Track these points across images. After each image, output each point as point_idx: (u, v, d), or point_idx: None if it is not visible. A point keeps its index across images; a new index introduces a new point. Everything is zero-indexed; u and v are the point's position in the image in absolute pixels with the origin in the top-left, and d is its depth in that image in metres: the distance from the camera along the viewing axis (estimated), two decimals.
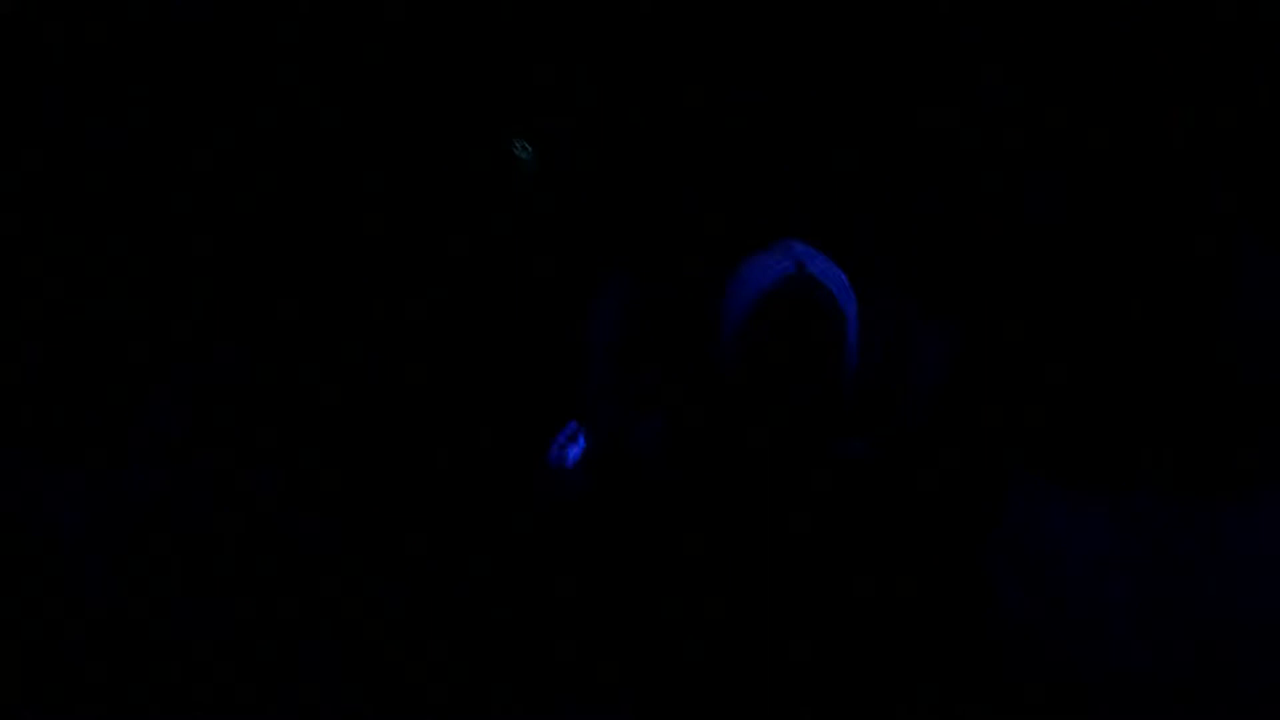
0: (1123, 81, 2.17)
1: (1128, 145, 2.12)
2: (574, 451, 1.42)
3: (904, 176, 2.13)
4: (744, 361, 1.31)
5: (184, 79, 2.17)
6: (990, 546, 1.42)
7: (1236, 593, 1.90)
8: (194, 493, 2.09)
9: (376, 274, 2.17)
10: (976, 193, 2.13)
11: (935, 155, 2.14)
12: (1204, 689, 1.88)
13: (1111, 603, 1.91)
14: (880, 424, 1.39)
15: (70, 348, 2.15)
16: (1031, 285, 2.10)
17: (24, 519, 2.08)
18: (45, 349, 2.14)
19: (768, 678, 1.38)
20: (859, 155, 2.13)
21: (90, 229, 2.17)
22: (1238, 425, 2.02)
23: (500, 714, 1.99)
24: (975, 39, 2.18)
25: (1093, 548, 1.93)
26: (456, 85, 2.17)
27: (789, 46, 2.17)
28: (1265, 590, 1.89)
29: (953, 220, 2.12)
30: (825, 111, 2.16)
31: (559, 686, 1.93)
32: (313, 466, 2.11)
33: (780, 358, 1.30)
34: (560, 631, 1.91)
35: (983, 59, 2.18)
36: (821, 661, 1.38)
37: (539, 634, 1.96)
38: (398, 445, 2.13)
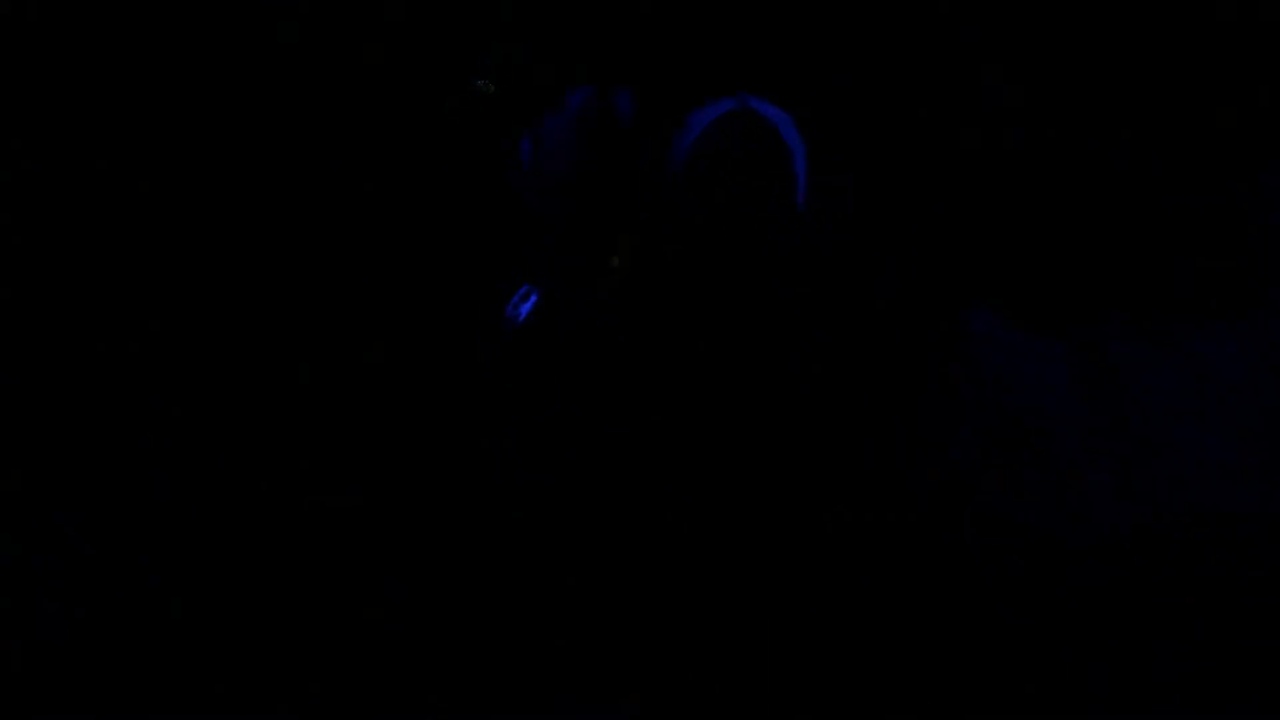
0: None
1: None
2: (526, 308, 1.47)
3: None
4: (693, 193, 1.35)
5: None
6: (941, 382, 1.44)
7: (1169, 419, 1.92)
8: (194, 496, 2.09)
9: (375, 272, 2.17)
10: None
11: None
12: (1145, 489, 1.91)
13: (1061, 420, 1.93)
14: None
15: (69, 351, 2.15)
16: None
17: (30, 524, 2.08)
18: (43, 352, 2.14)
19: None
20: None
21: (84, 229, 2.17)
22: (1179, 260, 2.04)
23: (500, 714, 1.99)
24: (975, 39, 2.18)
25: (1044, 373, 1.94)
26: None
27: (788, 44, 2.17)
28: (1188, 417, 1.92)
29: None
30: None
31: (559, 686, 1.93)
32: (312, 467, 2.11)
33: (727, 182, 1.34)
34: (560, 631, 1.91)
35: (983, 59, 2.19)
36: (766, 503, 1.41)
37: (539, 634, 1.96)
38: (397, 443, 2.13)
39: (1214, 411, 1.93)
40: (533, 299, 1.48)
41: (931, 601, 1.71)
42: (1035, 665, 1.86)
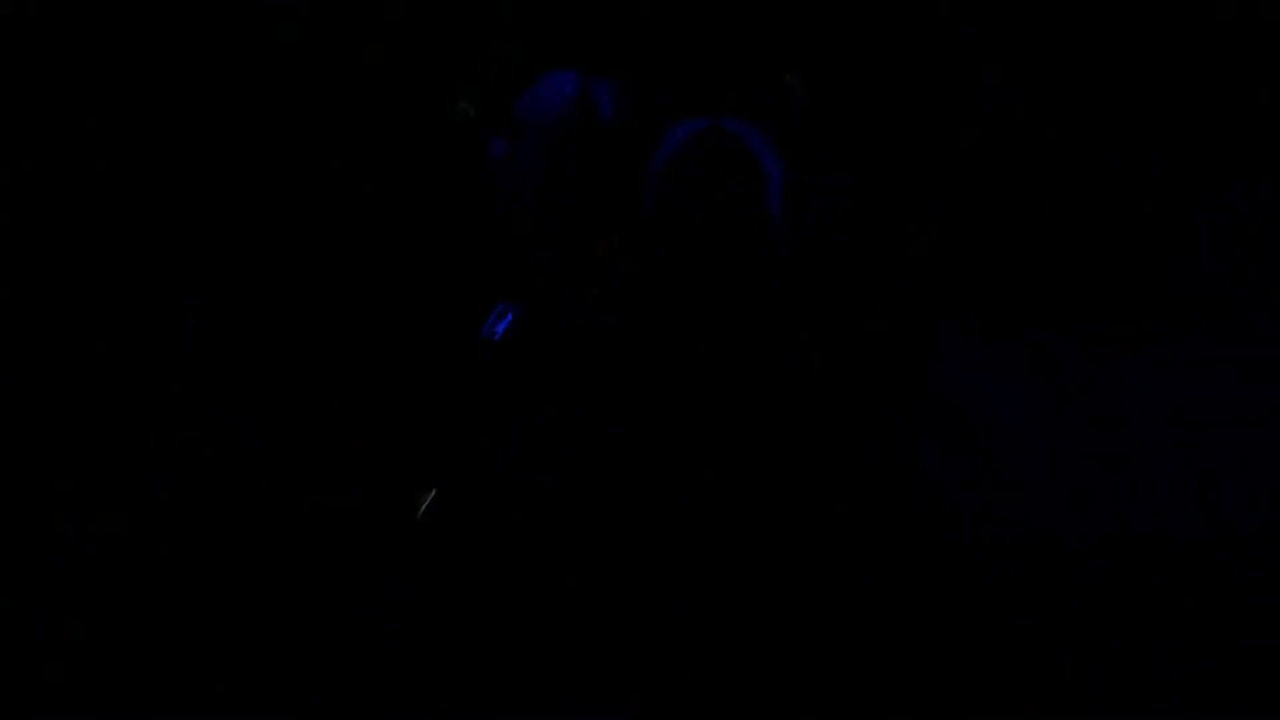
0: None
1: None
2: (501, 326, 1.48)
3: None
4: (666, 214, 1.38)
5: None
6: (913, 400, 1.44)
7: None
8: (194, 496, 2.09)
9: (375, 273, 2.17)
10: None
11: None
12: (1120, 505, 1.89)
13: (1028, 446, 1.90)
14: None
15: (69, 351, 2.14)
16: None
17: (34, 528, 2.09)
18: (43, 352, 2.14)
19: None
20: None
21: (84, 229, 2.17)
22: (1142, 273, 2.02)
23: (500, 714, 1.99)
24: (975, 39, 2.18)
25: (1007, 391, 1.92)
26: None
27: (789, 44, 2.17)
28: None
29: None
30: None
31: (559, 686, 1.93)
32: (312, 467, 2.11)
33: (698, 202, 1.36)
34: (560, 631, 1.91)
35: (983, 59, 2.18)
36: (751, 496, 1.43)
37: (539, 634, 1.96)
38: (396, 443, 2.13)
39: (1213, 411, 1.93)
40: (509, 317, 1.49)
41: (931, 601, 1.71)
42: (1035, 665, 1.86)
